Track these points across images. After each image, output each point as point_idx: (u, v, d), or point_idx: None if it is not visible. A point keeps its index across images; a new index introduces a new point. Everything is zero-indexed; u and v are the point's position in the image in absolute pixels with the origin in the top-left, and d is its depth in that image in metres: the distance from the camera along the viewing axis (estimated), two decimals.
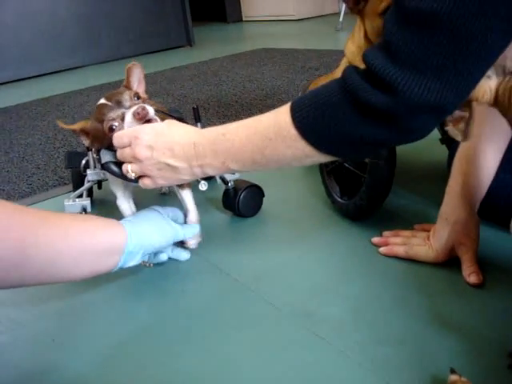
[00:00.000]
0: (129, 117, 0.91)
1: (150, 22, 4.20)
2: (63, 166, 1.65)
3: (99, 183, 1.25)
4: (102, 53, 4.05)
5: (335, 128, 0.70)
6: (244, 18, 5.99)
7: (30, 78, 3.78)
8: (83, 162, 1.06)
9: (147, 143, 0.85)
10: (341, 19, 4.11)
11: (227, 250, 1.06)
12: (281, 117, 0.74)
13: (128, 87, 0.98)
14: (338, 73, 1.27)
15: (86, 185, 1.07)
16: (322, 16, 5.37)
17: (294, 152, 0.75)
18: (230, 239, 1.11)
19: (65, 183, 1.52)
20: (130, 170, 0.88)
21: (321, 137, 0.72)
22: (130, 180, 0.90)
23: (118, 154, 0.90)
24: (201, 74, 2.87)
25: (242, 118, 1.84)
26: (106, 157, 0.94)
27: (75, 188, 1.25)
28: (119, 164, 0.92)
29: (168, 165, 0.85)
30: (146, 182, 0.90)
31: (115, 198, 1.04)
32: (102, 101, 0.96)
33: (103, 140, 0.94)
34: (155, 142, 0.85)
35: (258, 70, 2.77)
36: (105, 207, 1.23)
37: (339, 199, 1.12)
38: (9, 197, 1.48)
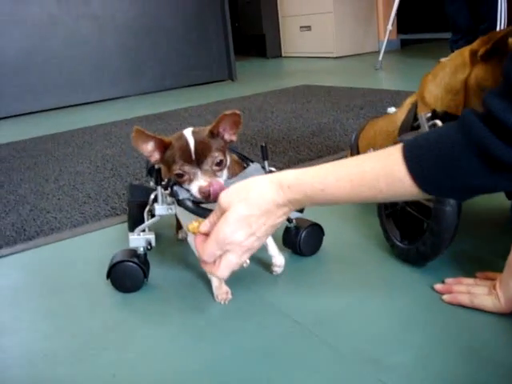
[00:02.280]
0: (195, 189, 0.94)
1: (194, 56, 4.28)
2: (114, 196, 1.67)
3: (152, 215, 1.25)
4: (145, 84, 4.13)
5: (458, 179, 0.68)
6: (283, 54, 6.06)
7: (73, 105, 3.86)
8: (152, 196, 1.07)
9: (243, 239, 0.77)
10: (380, 58, 4.13)
11: (287, 289, 1.05)
12: (392, 166, 0.71)
13: (213, 132, 0.97)
14: (400, 113, 1.27)
15: (153, 219, 1.08)
16: (361, 54, 5.41)
17: (402, 195, 0.74)
18: (289, 278, 1.09)
19: (117, 214, 1.53)
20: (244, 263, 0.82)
21: (440, 186, 0.70)
22: (205, 216, 0.91)
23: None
24: (245, 109, 2.89)
25: (290, 155, 1.88)
26: (182, 193, 0.95)
27: (131, 221, 1.26)
28: (194, 201, 0.94)
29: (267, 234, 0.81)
30: (231, 260, 0.79)
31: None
32: (190, 139, 0.95)
33: (172, 170, 0.95)
34: (250, 230, 0.77)
35: (302, 106, 2.78)
36: (162, 242, 1.23)
37: (399, 243, 1.10)
38: (61, 225, 1.50)
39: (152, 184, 1.24)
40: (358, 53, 5.44)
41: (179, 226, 1.30)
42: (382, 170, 0.72)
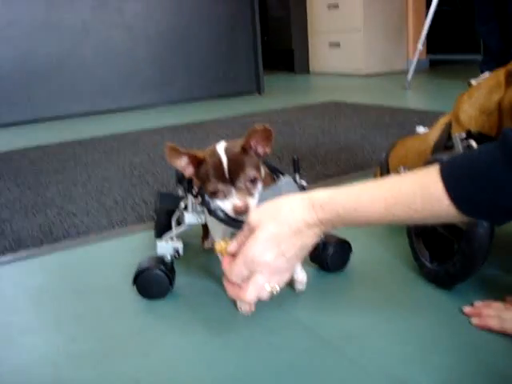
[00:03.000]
0: (229, 207, 0.94)
1: (223, 68, 4.31)
2: (141, 204, 1.68)
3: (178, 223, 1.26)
4: (175, 93, 4.17)
5: (497, 199, 0.67)
6: (311, 70, 6.08)
7: (103, 112, 3.91)
8: (182, 204, 1.08)
9: (272, 259, 0.76)
10: (409, 78, 4.11)
11: (312, 305, 1.04)
12: (429, 186, 0.69)
13: (245, 148, 0.97)
14: (433, 133, 1.26)
15: (182, 227, 1.08)
16: (390, 73, 5.40)
17: (439, 216, 0.72)
18: (315, 294, 1.09)
19: (143, 221, 1.54)
20: (268, 287, 0.77)
21: (478, 207, 0.68)
22: (237, 226, 0.92)
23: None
24: (272, 123, 2.89)
25: (317, 171, 1.87)
26: (213, 203, 0.95)
27: (159, 228, 1.26)
28: (225, 211, 0.95)
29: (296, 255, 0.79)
30: (259, 282, 0.77)
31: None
32: (223, 156, 0.95)
33: (206, 186, 0.95)
34: (280, 250, 0.75)
35: (330, 123, 2.78)
36: (188, 251, 1.23)
37: (428, 264, 1.09)
38: (88, 229, 1.51)
39: (181, 192, 1.25)
40: (387, 71, 5.42)
41: (205, 236, 1.30)
42: (418, 190, 0.70)
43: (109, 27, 3.93)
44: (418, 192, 0.70)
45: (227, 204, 0.94)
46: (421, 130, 2.37)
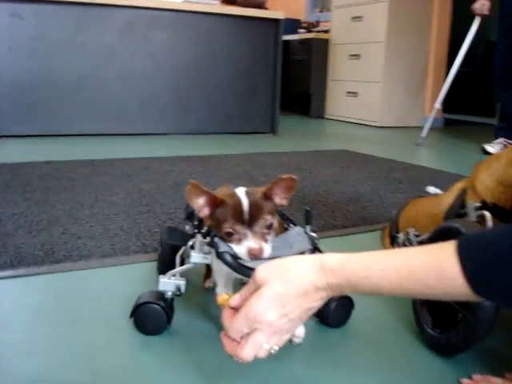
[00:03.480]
0: (243, 251, 0.93)
1: (240, 105, 4.35)
2: (146, 233, 1.67)
3: (183, 259, 1.25)
4: (190, 125, 4.21)
5: None
6: (327, 116, 6.13)
7: (119, 135, 3.94)
8: (190, 242, 1.07)
9: (275, 319, 0.74)
10: (423, 135, 4.14)
11: (310, 360, 1.02)
12: (444, 263, 0.68)
13: (267, 196, 0.97)
14: (447, 197, 1.26)
15: (187, 266, 1.07)
16: (404, 127, 5.43)
17: (452, 294, 0.70)
18: (313, 349, 1.07)
19: (147, 251, 1.53)
20: (266, 347, 0.75)
21: (494, 289, 0.66)
22: (243, 273, 0.91)
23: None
24: (284, 165, 2.91)
25: (325, 220, 1.86)
26: (222, 246, 0.94)
27: (162, 262, 1.25)
28: (234, 255, 0.94)
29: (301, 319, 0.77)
30: (259, 340, 0.75)
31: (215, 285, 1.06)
32: (244, 199, 0.95)
33: (219, 228, 0.94)
34: (284, 311, 0.74)
35: (341, 171, 2.79)
36: (189, 289, 1.22)
37: (430, 330, 1.07)
38: (90, 253, 1.50)
39: (188, 228, 1.24)
40: (401, 125, 5.47)
41: (207, 275, 1.29)
42: (432, 265, 0.69)
43: (133, 52, 3.99)
44: (431, 268, 0.69)
45: (242, 247, 0.93)
46: (431, 189, 2.36)
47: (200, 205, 0.97)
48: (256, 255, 0.92)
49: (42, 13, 3.68)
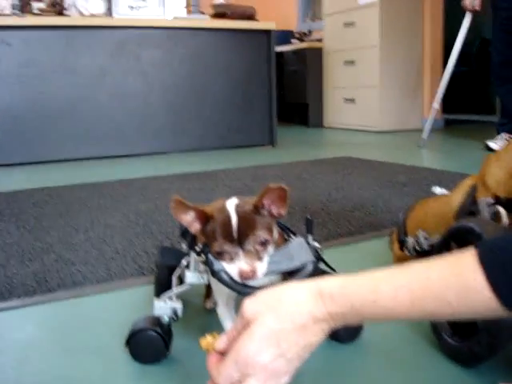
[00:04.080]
0: (234, 271, 0.86)
1: (236, 118, 4.30)
2: (143, 255, 1.60)
3: (180, 279, 1.18)
4: (187, 142, 4.15)
5: None
6: (325, 124, 6.07)
7: (115, 156, 3.88)
8: (184, 262, 0.99)
9: (269, 361, 0.64)
10: (424, 136, 4.07)
11: (321, 379, 0.95)
12: (465, 274, 0.59)
13: (259, 208, 0.88)
14: (456, 196, 1.18)
15: (183, 287, 0.99)
16: (404, 130, 5.37)
17: (477, 310, 0.61)
18: (324, 367, 0.99)
19: (143, 273, 1.45)
20: None
21: None
22: (241, 292, 0.83)
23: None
24: (284, 176, 2.84)
25: (329, 229, 1.79)
26: (217, 264, 0.87)
27: (158, 284, 1.18)
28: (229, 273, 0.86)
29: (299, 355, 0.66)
30: None
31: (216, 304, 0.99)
32: (232, 214, 0.87)
33: (212, 246, 0.87)
34: (279, 350, 0.64)
35: (343, 178, 2.72)
36: (188, 310, 1.15)
37: (449, 339, 0.99)
38: (85, 280, 1.43)
39: (184, 247, 1.17)
40: (401, 129, 5.40)
41: (208, 295, 1.21)
42: (451, 278, 0.60)
43: (125, 73, 3.94)
44: (451, 282, 0.60)
45: (233, 267, 0.85)
46: (437, 190, 2.28)
47: (189, 221, 0.90)
48: (247, 278, 0.84)
49: (30, 38, 3.64)
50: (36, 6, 3.83)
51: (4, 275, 1.47)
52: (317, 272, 0.89)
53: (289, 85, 6.41)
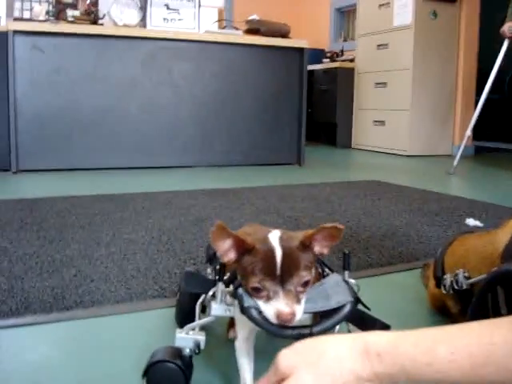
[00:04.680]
0: (270, 313, 0.78)
1: (264, 136, 4.25)
2: (165, 275, 1.54)
3: (204, 307, 1.11)
4: (214, 157, 4.11)
5: None
6: (353, 145, 6.00)
7: (140, 168, 3.85)
8: (210, 292, 0.93)
9: None
10: (455, 163, 3.98)
11: None
12: None
13: (305, 245, 0.82)
14: (502, 235, 1.10)
15: (207, 319, 0.93)
16: (434, 156, 5.28)
17: None
18: None
19: (165, 296, 1.39)
20: None
21: None
22: (273, 332, 0.76)
23: None
24: (312, 198, 2.77)
25: (359, 257, 1.71)
26: (247, 300, 0.80)
27: (181, 312, 1.12)
28: (259, 310, 0.80)
29: None
30: None
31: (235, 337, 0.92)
32: (277, 248, 0.79)
33: (246, 281, 0.81)
34: None
35: (372, 204, 2.64)
36: (210, 340, 1.08)
37: None
38: (104, 298, 1.37)
39: (209, 271, 1.11)
40: (430, 154, 5.31)
41: (232, 324, 1.14)
42: None
43: (156, 85, 3.92)
44: None
45: (269, 308, 0.78)
46: (471, 222, 2.19)
47: (225, 249, 0.82)
48: (285, 321, 0.77)
49: (62, 46, 3.64)
50: (71, 13, 3.84)
51: (21, 288, 1.42)
52: (354, 313, 0.82)
53: (318, 104, 6.36)
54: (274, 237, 0.82)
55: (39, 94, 3.62)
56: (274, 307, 0.78)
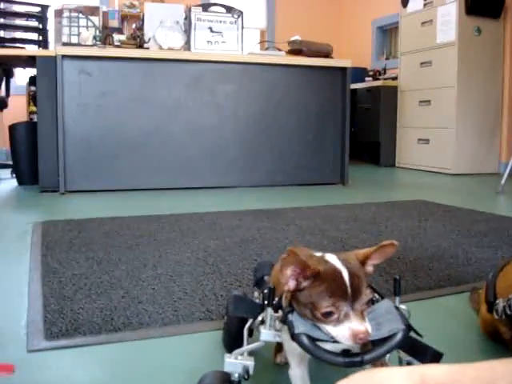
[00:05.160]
0: (346, 335, 0.77)
1: (307, 156, 4.24)
2: (211, 297, 1.54)
3: (251, 330, 1.11)
4: (257, 177, 4.12)
5: None
6: (397, 164, 5.93)
7: (185, 188, 3.90)
8: (260, 317, 0.92)
9: None
10: (503, 182, 3.89)
11: None
12: None
13: (363, 263, 0.82)
14: None
15: (256, 344, 0.93)
16: (480, 174, 5.18)
17: None
18: None
19: (212, 318, 1.40)
20: None
21: None
22: (325, 360, 0.75)
23: None
24: (357, 219, 2.74)
25: (407, 280, 1.68)
26: (299, 326, 0.80)
27: (227, 336, 1.12)
28: (312, 337, 0.78)
29: None
30: None
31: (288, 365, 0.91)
32: (343, 269, 0.79)
33: (315, 307, 0.79)
34: None
35: (419, 224, 2.60)
36: (257, 365, 1.08)
37: None
38: (151, 320, 1.38)
39: (256, 294, 1.11)
40: (477, 172, 5.21)
41: (279, 349, 1.14)
42: None
43: (200, 106, 3.97)
44: None
45: (342, 329, 0.77)
46: None
47: (288, 275, 0.81)
48: (362, 339, 0.76)
49: (109, 69, 3.73)
50: (117, 38, 3.94)
51: (70, 309, 1.45)
52: (406, 340, 0.81)
53: (361, 122, 6.33)
54: (333, 258, 0.82)
55: (86, 117, 3.71)
56: (349, 328, 0.77)
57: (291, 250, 0.79)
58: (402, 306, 0.90)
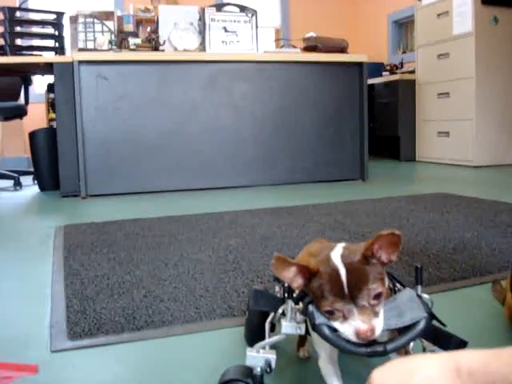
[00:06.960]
0: (350, 333, 0.77)
1: (326, 152, 4.23)
2: (233, 294, 1.54)
3: (273, 325, 1.10)
4: (276, 175, 4.11)
5: None
6: (417, 158, 5.88)
7: (204, 189, 3.90)
8: (280, 310, 0.92)
9: None
10: None
11: None
12: None
13: (366, 257, 0.80)
14: None
15: (278, 337, 0.92)
16: (502, 165, 5.11)
17: None
18: None
19: (233, 315, 1.39)
20: None
21: None
22: (346, 350, 0.74)
23: None
24: (377, 213, 2.72)
25: (429, 272, 1.66)
26: (319, 317, 0.79)
27: (249, 331, 1.11)
28: (332, 327, 0.78)
29: None
30: None
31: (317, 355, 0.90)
32: (340, 266, 0.79)
33: (318, 305, 0.80)
34: None
35: (441, 217, 2.57)
36: (280, 359, 1.07)
37: None
38: (173, 318, 1.38)
39: (277, 289, 1.10)
40: (498, 164, 5.15)
41: (301, 343, 1.13)
42: None
43: (217, 106, 3.98)
44: None
45: (347, 327, 0.77)
46: None
47: (290, 277, 0.82)
48: (366, 338, 0.76)
49: (125, 73, 3.75)
50: (132, 41, 3.96)
51: (93, 309, 1.45)
52: (429, 329, 0.79)
53: (379, 117, 6.28)
54: (336, 255, 0.81)
55: (105, 121, 3.74)
56: (352, 326, 0.77)
57: (276, 255, 0.80)
58: (425, 295, 0.89)
